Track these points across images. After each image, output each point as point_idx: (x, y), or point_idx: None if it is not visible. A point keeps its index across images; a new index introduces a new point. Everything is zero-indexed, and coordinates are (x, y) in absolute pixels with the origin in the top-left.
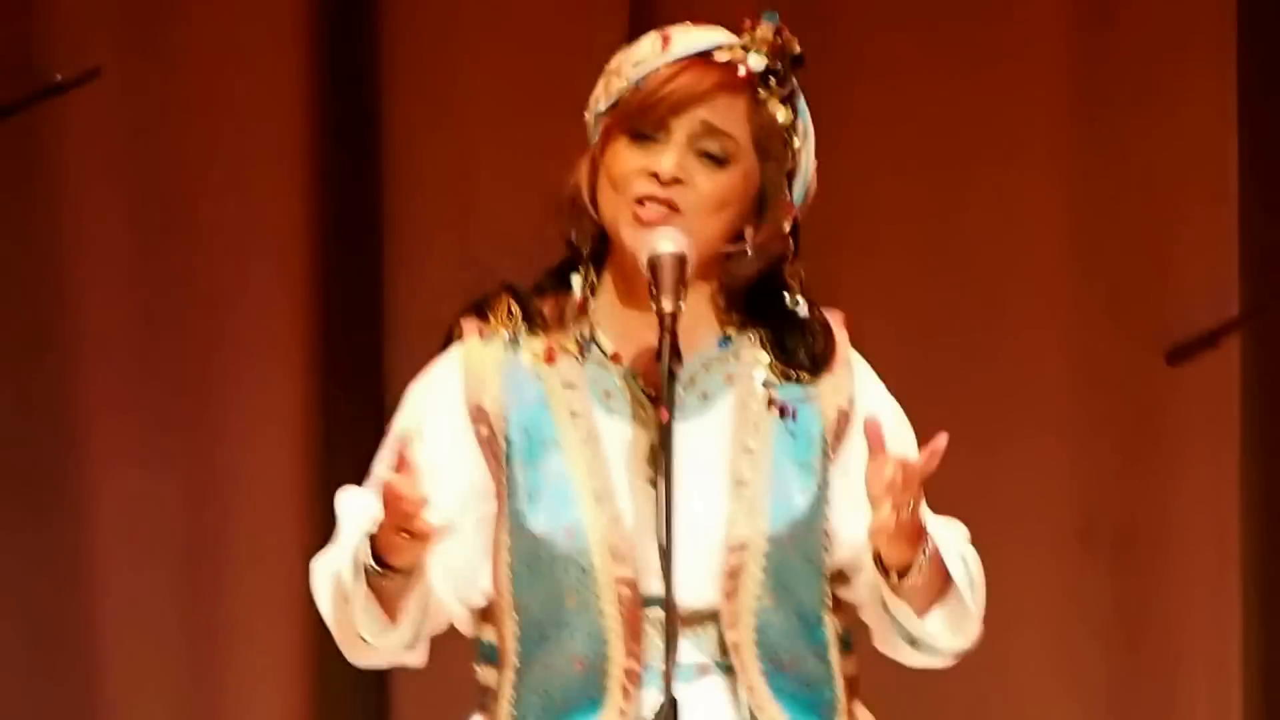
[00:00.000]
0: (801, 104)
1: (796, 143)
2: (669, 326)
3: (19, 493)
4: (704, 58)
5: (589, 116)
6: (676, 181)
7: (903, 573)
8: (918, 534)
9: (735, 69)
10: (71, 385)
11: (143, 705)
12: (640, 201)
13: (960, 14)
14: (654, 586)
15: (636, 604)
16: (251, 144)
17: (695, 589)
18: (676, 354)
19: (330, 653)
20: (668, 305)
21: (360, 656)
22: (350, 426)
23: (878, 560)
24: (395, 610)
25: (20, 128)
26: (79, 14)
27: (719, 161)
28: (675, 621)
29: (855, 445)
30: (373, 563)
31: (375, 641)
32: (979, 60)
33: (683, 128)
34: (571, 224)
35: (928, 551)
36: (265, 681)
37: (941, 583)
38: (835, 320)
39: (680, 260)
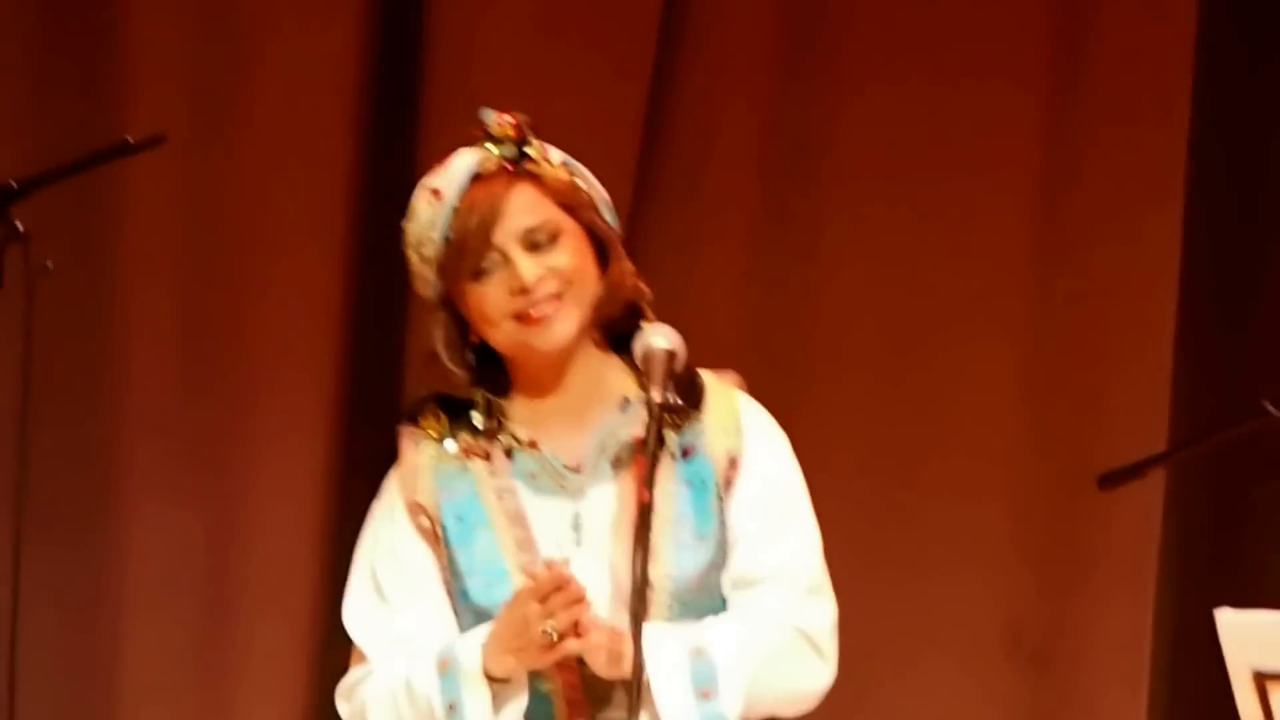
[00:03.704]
0: (558, 152)
1: (582, 184)
2: (656, 416)
3: (55, 524)
4: (475, 181)
5: (423, 292)
6: (539, 280)
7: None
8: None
9: (509, 168)
10: (115, 420)
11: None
12: (521, 317)
13: (932, 161)
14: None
15: (575, 668)
16: (299, 207)
17: None
18: (661, 439)
19: (338, 677)
20: (657, 396)
21: None
22: (370, 466)
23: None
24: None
25: (90, 184)
26: (149, 81)
27: (552, 242)
28: (640, 685)
29: (743, 488)
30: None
31: None
32: (948, 209)
33: (509, 240)
34: (449, 376)
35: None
36: (276, 701)
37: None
38: (729, 379)
39: (670, 355)
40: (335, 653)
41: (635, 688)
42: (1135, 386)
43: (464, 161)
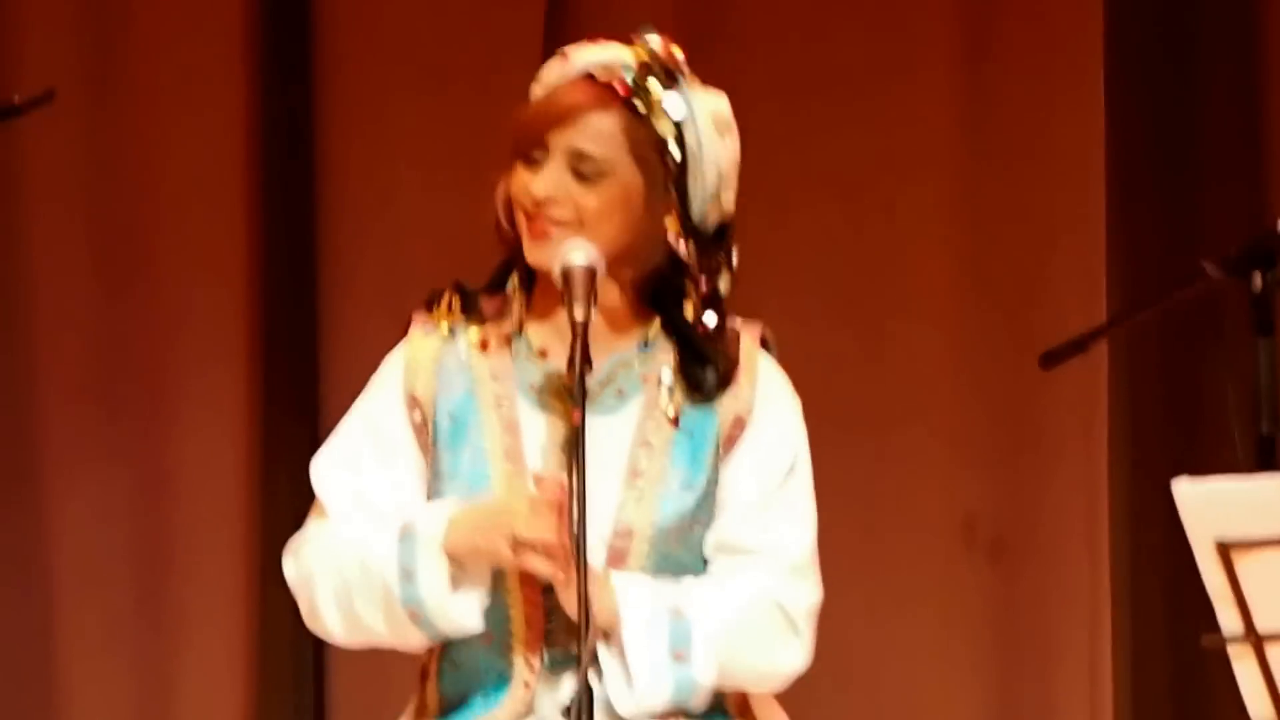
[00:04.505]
0: (694, 112)
1: (675, 152)
2: (580, 334)
3: None
4: (588, 78)
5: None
6: (551, 201)
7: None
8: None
9: (609, 87)
10: (30, 387)
11: (95, 687)
12: (528, 217)
13: (852, 41)
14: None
15: (538, 586)
16: (197, 161)
17: None
18: (587, 359)
19: (272, 638)
20: (579, 314)
21: (360, 637)
22: (288, 423)
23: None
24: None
25: None
26: (36, 39)
27: (593, 178)
28: (588, 611)
29: (744, 451)
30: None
31: (440, 620)
32: (876, 91)
33: (559, 148)
34: (503, 237)
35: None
36: (210, 663)
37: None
38: (751, 332)
39: (590, 272)
40: (272, 600)
41: (583, 621)
42: (1071, 259)
43: (601, 53)
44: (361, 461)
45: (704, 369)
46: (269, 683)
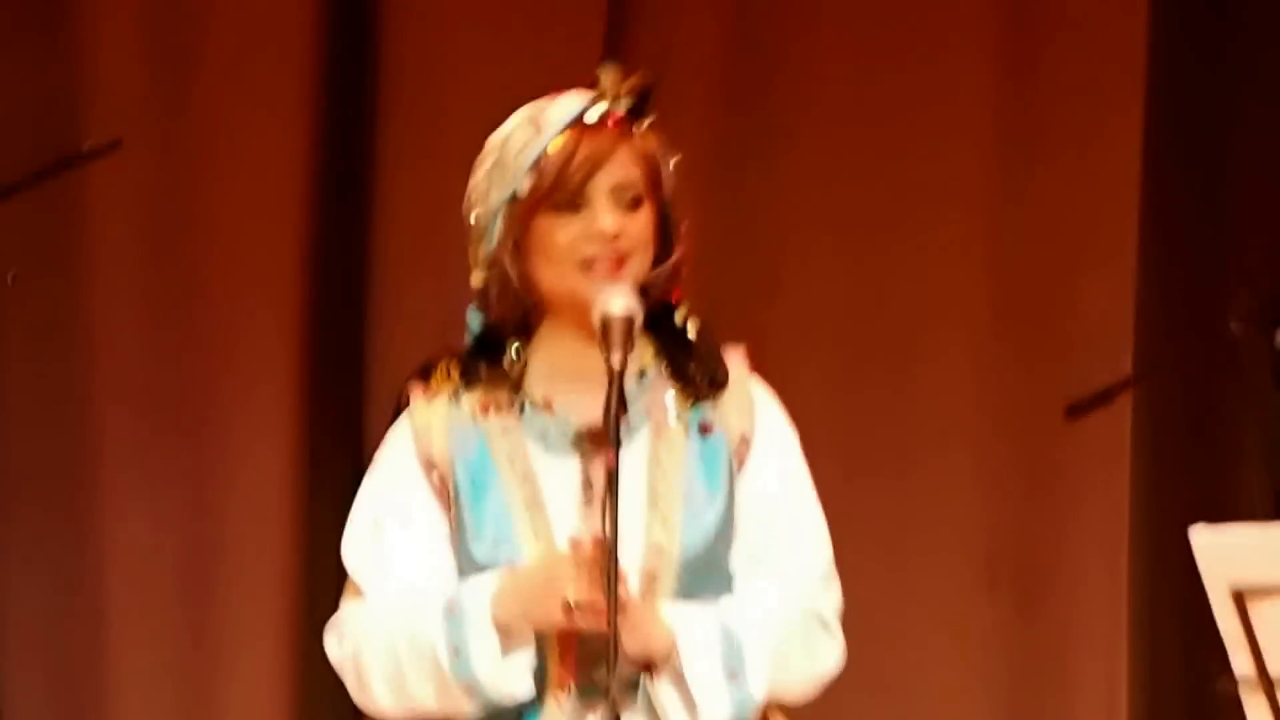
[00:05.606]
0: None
1: (672, 165)
2: (617, 381)
3: (38, 504)
4: (579, 124)
5: (479, 211)
6: (621, 236)
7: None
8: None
9: (612, 124)
10: (86, 408)
11: (142, 703)
12: (587, 263)
13: (890, 76)
14: None
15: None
16: (252, 189)
17: None
18: (623, 405)
19: (315, 658)
20: (616, 362)
21: (412, 712)
22: (333, 447)
23: None
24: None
25: (48, 193)
26: (104, 88)
27: (634, 208)
28: (619, 645)
29: (756, 469)
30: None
31: (492, 688)
32: (909, 130)
33: (599, 190)
34: (504, 305)
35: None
36: (253, 681)
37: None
38: (736, 354)
39: (629, 320)
40: (316, 621)
41: (612, 649)
42: (1099, 302)
43: (573, 103)
44: (386, 533)
45: (702, 373)
46: (311, 700)
